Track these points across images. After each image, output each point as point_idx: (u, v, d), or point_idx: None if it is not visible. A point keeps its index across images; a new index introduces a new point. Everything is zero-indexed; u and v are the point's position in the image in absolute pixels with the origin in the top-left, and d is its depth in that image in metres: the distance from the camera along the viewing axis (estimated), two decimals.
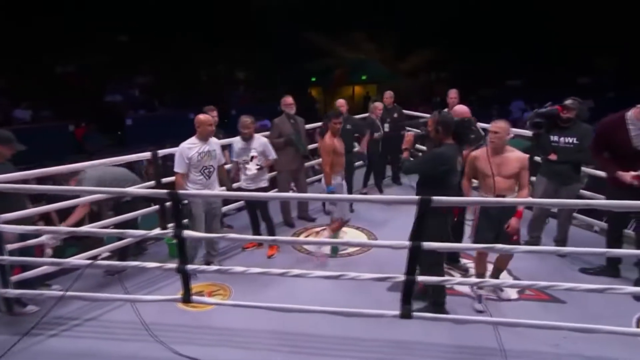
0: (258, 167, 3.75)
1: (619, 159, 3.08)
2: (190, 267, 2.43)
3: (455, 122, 2.80)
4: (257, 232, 3.99)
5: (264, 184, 3.94)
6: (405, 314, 2.26)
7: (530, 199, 2.62)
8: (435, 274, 2.72)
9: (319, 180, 5.93)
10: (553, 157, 3.60)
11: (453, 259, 3.47)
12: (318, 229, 4.60)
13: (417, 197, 2.13)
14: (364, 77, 18.61)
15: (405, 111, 6.08)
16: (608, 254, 2.29)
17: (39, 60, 13.16)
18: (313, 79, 18.27)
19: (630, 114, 3.00)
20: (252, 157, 3.77)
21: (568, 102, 3.61)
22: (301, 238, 3.87)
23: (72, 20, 13.84)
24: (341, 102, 4.93)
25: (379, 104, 5.55)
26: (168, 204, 3.62)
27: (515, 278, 3.39)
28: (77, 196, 3.17)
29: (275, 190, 5.07)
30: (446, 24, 16.90)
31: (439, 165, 2.69)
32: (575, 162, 3.56)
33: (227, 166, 3.82)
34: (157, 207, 3.65)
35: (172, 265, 2.45)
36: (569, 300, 3.04)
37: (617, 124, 3.08)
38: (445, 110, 5.37)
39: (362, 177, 5.74)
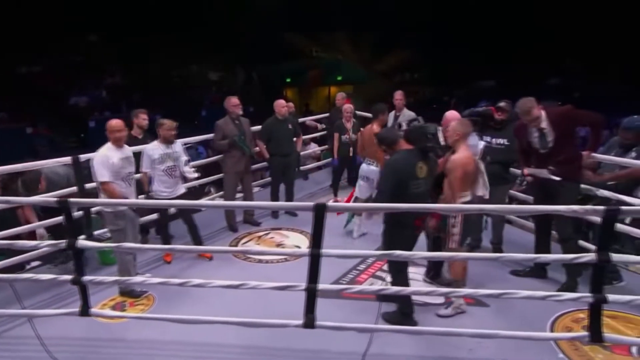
0: (194, 169, 3.66)
1: (533, 159, 3.17)
2: (86, 278, 2.31)
3: (410, 129, 2.82)
4: (168, 242, 3.79)
5: (184, 189, 3.84)
6: (308, 324, 2.19)
7: (405, 205, 2.48)
8: (397, 281, 2.69)
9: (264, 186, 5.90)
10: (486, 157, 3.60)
11: (435, 273, 3.35)
12: (261, 233, 4.54)
13: (311, 203, 2.06)
14: (339, 78, 18.59)
15: (359, 113, 6.04)
16: (501, 259, 2.27)
17: (1, 60, 12.73)
18: (288, 80, 18.18)
19: None
20: (187, 161, 3.65)
21: (502, 104, 3.63)
22: (194, 246, 3.64)
23: (40, 18, 13.44)
24: (281, 103, 4.85)
25: (347, 107, 5.47)
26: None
27: (447, 282, 3.36)
28: None
29: (221, 193, 4.98)
30: (421, 24, 17.02)
31: (390, 175, 2.64)
32: (505, 162, 3.57)
33: (137, 175, 3.54)
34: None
35: (67, 277, 2.32)
36: (492, 304, 3.02)
37: (522, 127, 3.16)
38: (395, 113, 5.43)
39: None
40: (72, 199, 2.27)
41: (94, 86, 13.92)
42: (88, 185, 3.50)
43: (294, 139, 4.97)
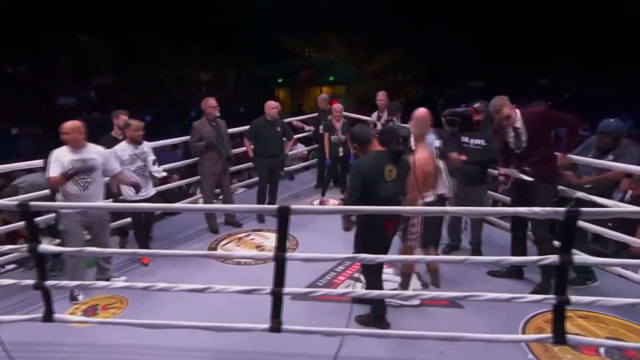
0: (162, 169, 3.64)
1: (512, 159, 3.17)
2: (49, 283, 2.26)
3: (383, 130, 2.75)
4: (145, 244, 3.75)
5: (155, 190, 3.82)
6: (275, 328, 2.17)
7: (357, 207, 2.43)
8: (370, 283, 2.67)
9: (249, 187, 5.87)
10: (463, 157, 3.60)
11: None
12: (241, 235, 4.51)
13: (275, 206, 2.04)
14: (331, 78, 18.62)
15: (345, 114, 6.03)
16: (466, 262, 2.25)
17: None
18: (280, 80, 18.15)
19: None
20: (154, 161, 3.63)
21: (476, 104, 3.63)
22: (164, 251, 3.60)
23: (29, 17, 13.30)
24: (271, 104, 4.83)
25: (337, 106, 5.45)
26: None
27: (423, 283, 3.36)
28: None
29: (200, 196, 4.94)
30: (413, 25, 17.04)
31: (357, 177, 2.56)
32: (482, 163, 3.57)
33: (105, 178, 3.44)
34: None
35: (29, 281, 2.28)
36: (467, 305, 3.00)
37: (499, 127, 3.17)
38: (377, 113, 5.42)
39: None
40: (33, 203, 2.23)
41: (82, 86, 13.81)
42: None
43: (284, 139, 4.94)
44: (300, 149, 6.95)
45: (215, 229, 4.53)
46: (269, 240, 4.29)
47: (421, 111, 3.16)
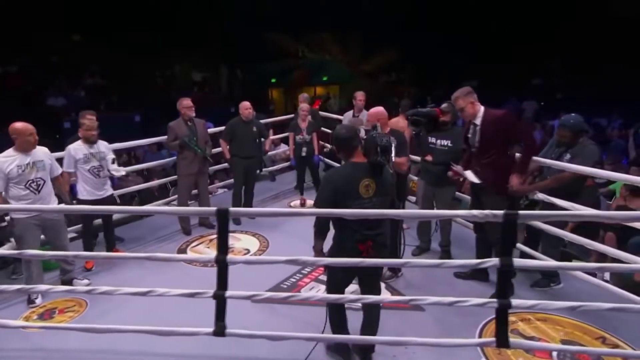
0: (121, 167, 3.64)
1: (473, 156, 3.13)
2: None
3: (366, 139, 2.40)
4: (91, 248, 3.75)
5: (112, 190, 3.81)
6: (218, 332, 2.13)
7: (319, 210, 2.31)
8: (331, 289, 2.57)
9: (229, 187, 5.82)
10: (429, 158, 3.58)
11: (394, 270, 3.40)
12: (213, 236, 4.47)
13: (214, 208, 2.00)
14: (325, 78, 18.59)
15: (322, 113, 6.01)
16: (408, 265, 2.21)
17: None
18: (273, 80, 18.12)
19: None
20: (114, 160, 3.61)
21: (444, 105, 3.59)
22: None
23: (19, 17, 13.27)
24: (245, 105, 4.80)
25: (304, 106, 5.41)
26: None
27: (388, 286, 3.33)
28: None
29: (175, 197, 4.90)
30: (407, 24, 17.02)
31: (326, 190, 2.29)
32: (448, 164, 3.52)
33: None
34: None
35: None
36: (428, 309, 2.96)
37: (466, 125, 3.13)
38: (353, 113, 5.38)
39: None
40: None
41: (72, 86, 13.74)
42: None
43: (262, 140, 4.90)
44: (284, 149, 6.92)
45: (187, 230, 4.50)
46: (241, 241, 4.26)
47: (374, 110, 3.08)
